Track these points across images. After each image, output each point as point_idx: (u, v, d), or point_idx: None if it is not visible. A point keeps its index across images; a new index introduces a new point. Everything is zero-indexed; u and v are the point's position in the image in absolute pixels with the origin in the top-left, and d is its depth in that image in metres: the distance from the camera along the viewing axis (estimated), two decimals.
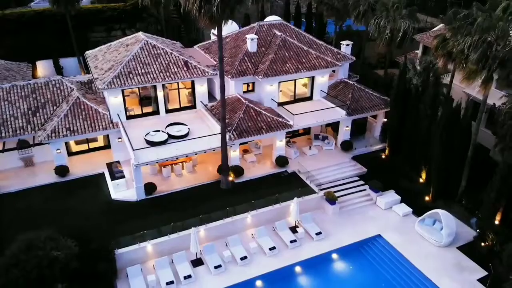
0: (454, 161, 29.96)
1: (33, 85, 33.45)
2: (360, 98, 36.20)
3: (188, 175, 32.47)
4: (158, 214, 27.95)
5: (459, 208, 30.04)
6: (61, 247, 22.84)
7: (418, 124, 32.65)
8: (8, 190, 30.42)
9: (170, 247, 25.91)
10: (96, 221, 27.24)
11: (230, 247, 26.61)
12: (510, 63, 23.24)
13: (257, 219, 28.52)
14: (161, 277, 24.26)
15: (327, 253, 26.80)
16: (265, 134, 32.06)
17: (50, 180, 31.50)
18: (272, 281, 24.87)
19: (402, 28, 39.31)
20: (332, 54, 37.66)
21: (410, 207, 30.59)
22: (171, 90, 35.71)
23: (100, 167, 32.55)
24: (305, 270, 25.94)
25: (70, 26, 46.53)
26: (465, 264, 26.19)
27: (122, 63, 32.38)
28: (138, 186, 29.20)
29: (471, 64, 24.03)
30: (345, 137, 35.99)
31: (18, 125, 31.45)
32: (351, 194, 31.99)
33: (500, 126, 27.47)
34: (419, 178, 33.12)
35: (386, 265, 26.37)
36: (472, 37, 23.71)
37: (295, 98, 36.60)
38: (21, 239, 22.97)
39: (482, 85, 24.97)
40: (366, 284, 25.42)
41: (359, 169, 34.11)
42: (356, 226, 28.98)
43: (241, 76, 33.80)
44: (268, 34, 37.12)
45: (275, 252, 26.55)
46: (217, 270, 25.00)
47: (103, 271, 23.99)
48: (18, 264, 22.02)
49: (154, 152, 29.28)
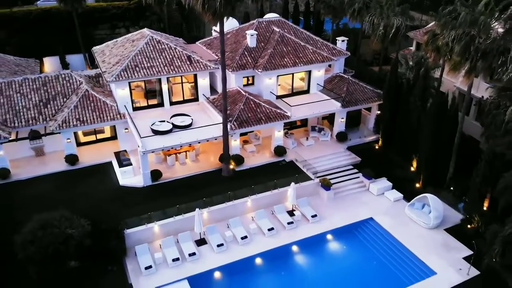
0: (442, 150, 31.78)
1: (44, 78, 35.23)
2: (354, 91, 38.03)
3: (191, 164, 34.24)
4: (164, 199, 29.66)
5: (447, 194, 31.84)
6: (75, 226, 24.60)
7: (409, 116, 34.47)
8: (20, 178, 32.16)
9: (175, 228, 27.70)
10: (105, 205, 28.93)
11: (232, 228, 28.41)
12: (491, 55, 25.07)
13: (256, 203, 30.30)
14: (167, 254, 26.05)
15: (322, 234, 28.61)
16: (264, 125, 33.85)
17: (60, 168, 33.24)
18: (270, 259, 26.71)
19: (395, 25, 41.07)
20: (328, 49, 39.49)
21: (401, 193, 32.38)
22: (174, 84, 37.44)
23: (108, 156, 34.32)
24: (301, 249, 27.77)
25: (77, 23, 48.31)
26: (452, 244, 27.98)
27: (129, 57, 34.17)
28: (145, 173, 30.98)
29: (455, 56, 25.87)
30: (340, 129, 37.80)
31: (30, 116, 33.21)
32: (345, 181, 33.78)
33: (485, 116, 29.33)
34: (410, 166, 34.94)
35: (378, 245, 28.17)
36: (456, 31, 25.54)
37: (293, 91, 38.40)
38: (37, 218, 24.75)
39: (465, 75, 26.81)
40: (358, 262, 27.22)
41: (353, 159, 35.91)
42: (350, 210, 30.79)
43: (241, 69, 35.61)
44: (267, 30, 38.95)
45: (273, 233, 28.35)
46: (219, 248, 26.80)
47: (113, 249, 25.77)
48: (34, 241, 23.68)
49: (159, 140, 31.08)
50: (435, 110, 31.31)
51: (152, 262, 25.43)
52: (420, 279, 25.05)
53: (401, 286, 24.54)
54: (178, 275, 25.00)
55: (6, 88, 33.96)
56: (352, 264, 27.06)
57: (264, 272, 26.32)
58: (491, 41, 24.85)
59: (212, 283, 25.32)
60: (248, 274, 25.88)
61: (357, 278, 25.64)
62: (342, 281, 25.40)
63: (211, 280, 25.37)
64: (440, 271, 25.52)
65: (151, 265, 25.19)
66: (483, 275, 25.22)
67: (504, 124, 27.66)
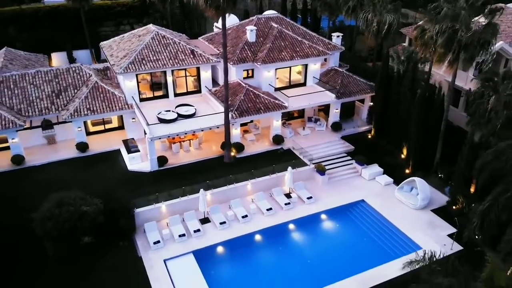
0: (430, 137, 34.00)
1: (55, 71, 37.39)
2: (348, 84, 40.23)
3: (195, 151, 36.42)
4: (170, 182, 31.78)
5: (434, 178, 34.05)
6: (88, 204, 26.77)
7: (399, 106, 36.65)
8: (34, 164, 34.31)
9: (181, 208, 29.88)
10: (115, 188, 31.06)
11: (233, 208, 30.61)
12: (472, 47, 27.28)
13: (256, 186, 32.48)
14: (174, 231, 28.24)
15: (316, 214, 30.84)
16: (263, 114, 36.05)
17: (71, 155, 35.42)
18: (269, 235, 28.92)
19: (388, 21, 43.22)
20: (324, 44, 41.69)
21: (391, 178, 34.56)
22: (178, 78, 39.56)
23: (116, 145, 36.52)
24: (297, 227, 30.01)
25: (84, 20, 50.45)
26: (437, 223, 30.18)
27: (136, 51, 36.34)
28: (152, 158, 33.16)
29: (439, 48, 28.07)
30: (335, 119, 40.01)
31: (43, 106, 35.37)
32: (339, 167, 35.96)
33: (470, 105, 31.54)
34: (400, 154, 37.12)
35: (368, 223, 30.38)
36: (440, 25, 27.74)
37: (290, 84, 40.59)
38: (53, 198, 26.90)
39: (449, 66, 29.02)
40: (350, 239, 29.44)
41: (347, 147, 38.11)
42: (343, 193, 32.99)
43: (241, 63, 37.79)
44: (266, 26, 41.14)
45: (271, 213, 30.55)
46: (222, 226, 28.99)
47: (124, 226, 27.91)
48: (52, 217, 25.82)
49: (165, 128, 33.27)
50: (422, 100, 33.54)
51: (160, 238, 27.62)
52: (406, 253, 27.14)
53: (389, 259, 26.66)
54: (184, 249, 27.22)
55: (20, 80, 36.10)
56: (344, 240, 29.30)
57: (263, 247, 28.57)
58: (472, 34, 27.06)
59: (215, 257, 27.51)
60: (248, 249, 28.11)
61: (349, 252, 27.85)
62: (335, 255, 27.58)
63: (214, 254, 27.58)
64: (425, 246, 27.49)
65: (159, 240, 27.39)
66: (465, 249, 27.42)
67: (487, 112, 29.92)
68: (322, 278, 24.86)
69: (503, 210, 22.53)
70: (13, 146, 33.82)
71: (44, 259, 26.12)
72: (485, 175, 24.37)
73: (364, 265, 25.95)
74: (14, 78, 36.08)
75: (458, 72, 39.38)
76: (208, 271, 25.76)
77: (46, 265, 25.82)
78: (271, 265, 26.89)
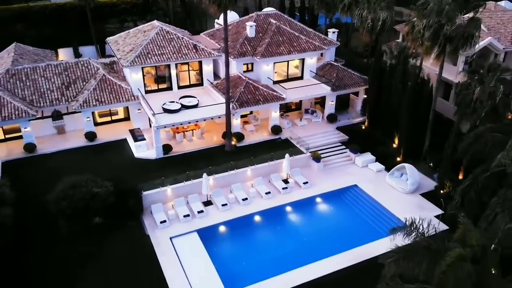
0: (419, 126, 36.06)
1: (65, 64, 39.39)
2: (343, 77, 42.29)
3: (198, 140, 38.42)
4: (174, 168, 33.72)
5: (424, 165, 36.12)
6: (100, 186, 28.79)
7: (391, 98, 38.68)
8: (45, 151, 36.28)
9: (185, 191, 31.89)
10: (123, 173, 32.93)
11: (234, 192, 32.64)
12: (457, 40, 29.34)
13: (255, 172, 34.49)
14: (179, 212, 30.27)
15: (312, 197, 32.93)
16: (262, 105, 38.08)
17: (80, 144, 37.38)
18: (267, 216, 31.01)
19: (381, 18, 45.23)
20: (320, 39, 43.75)
21: (383, 165, 36.60)
22: (181, 72, 41.51)
23: (122, 134, 38.53)
24: (294, 209, 32.11)
25: (90, 17, 52.45)
26: (425, 206, 32.22)
27: (142, 45, 38.35)
28: (157, 146, 35.16)
29: (426, 41, 30.14)
30: (330, 111, 42.05)
31: (54, 97, 37.36)
32: (334, 155, 38.00)
33: (457, 96, 33.60)
34: (392, 143, 39.15)
35: (360, 206, 32.44)
36: (426, 19, 29.81)
37: (288, 77, 42.61)
38: (67, 180, 28.91)
39: (435, 58, 31.10)
40: (343, 219, 31.55)
41: (342, 137, 40.14)
42: (337, 179, 35.04)
43: (241, 57, 39.83)
44: (265, 22, 43.18)
45: (270, 196, 32.58)
46: (223, 207, 31.02)
47: (132, 207, 29.90)
48: (66, 197, 27.86)
49: (170, 117, 35.29)
50: (412, 92, 35.58)
51: (166, 218, 29.65)
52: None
53: (378, 237, 28.61)
54: (189, 228, 29.27)
55: (32, 73, 38.10)
56: (337, 221, 31.43)
57: (262, 227, 30.65)
58: (456, 27, 29.12)
59: (218, 235, 29.57)
60: (248, 228, 30.18)
61: (341, 231, 29.92)
62: (329, 234, 29.61)
63: (217, 233, 29.64)
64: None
65: (165, 220, 29.41)
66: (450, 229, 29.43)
67: (473, 102, 31.98)
68: (316, 254, 26.90)
69: (482, 189, 24.54)
70: (26, 135, 35.79)
71: (57, 237, 28.04)
72: (468, 157, 26.37)
73: (356, 242, 27.97)
74: (25, 71, 38.08)
75: (448, 67, 41.62)
76: (211, 247, 27.77)
77: (59, 242, 27.74)
78: (270, 243, 28.96)
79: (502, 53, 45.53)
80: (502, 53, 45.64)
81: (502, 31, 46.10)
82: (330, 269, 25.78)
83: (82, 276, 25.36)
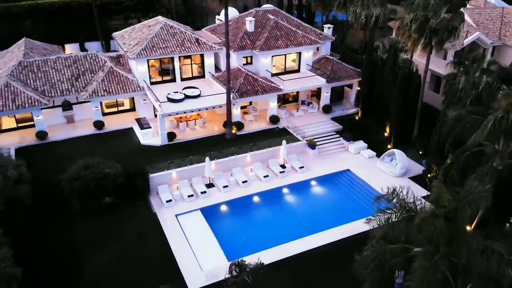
0: (408, 115, 38.35)
1: (74, 57, 41.63)
2: (338, 70, 44.61)
3: (200, 129, 40.66)
4: (179, 154, 36.01)
5: (413, 151, 38.41)
6: (110, 167, 31.06)
7: (382, 89, 40.94)
8: (56, 139, 38.48)
9: (189, 174, 34.14)
10: (131, 157, 35.16)
11: (234, 175, 34.87)
12: (441, 32, 31.66)
13: (254, 158, 36.73)
14: (184, 192, 32.54)
15: (307, 180, 35.28)
16: (261, 96, 40.36)
17: (89, 132, 39.60)
18: (265, 197, 33.35)
19: (374, 14, 47.47)
20: (316, 34, 46.06)
21: (374, 152, 38.86)
22: (184, 65, 43.70)
23: (129, 123, 40.74)
24: (290, 191, 34.47)
25: (96, 14, 54.68)
26: (413, 188, 33.99)
27: (147, 39, 40.60)
28: (163, 133, 37.41)
29: (414, 34, 32.46)
30: (325, 102, 44.34)
31: (64, 88, 39.58)
32: (328, 143, 40.27)
33: (444, 86, 35.92)
34: (384, 132, 41.46)
35: (352, 188, 34.73)
36: (414, 13, 32.14)
37: (286, 70, 44.88)
38: (80, 162, 31.14)
39: (422, 49, 33.44)
40: (336, 201, 33.86)
41: (336, 126, 42.43)
42: (331, 164, 37.33)
43: (241, 50, 42.11)
44: (263, 18, 45.45)
45: (268, 179, 34.85)
46: (225, 189, 33.29)
47: (140, 188, 32.13)
48: (79, 178, 30.13)
49: (174, 106, 37.54)
50: (402, 83, 37.85)
51: (171, 198, 31.89)
52: None
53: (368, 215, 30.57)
54: (193, 207, 31.57)
55: (43, 65, 40.33)
56: (330, 201, 33.79)
57: (260, 206, 32.97)
58: (440, 20, 31.45)
59: (219, 213, 31.85)
60: (248, 208, 32.50)
61: (334, 210, 32.26)
62: (322, 212, 31.92)
63: (218, 211, 31.91)
64: None
65: (171, 199, 31.66)
66: None
67: (458, 91, 34.30)
68: (310, 229, 29.16)
69: (462, 167, 26.85)
70: (38, 122, 38.00)
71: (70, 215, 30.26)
72: (451, 139, 28.65)
73: (346, 219, 30.20)
74: (37, 63, 40.31)
75: (439, 61, 43.91)
76: (214, 224, 30.03)
77: (72, 219, 29.97)
78: (267, 220, 31.27)
79: (490, 47, 47.97)
80: (490, 47, 48.09)
81: (490, 26, 48.48)
82: (322, 242, 28.08)
83: (95, 249, 27.53)
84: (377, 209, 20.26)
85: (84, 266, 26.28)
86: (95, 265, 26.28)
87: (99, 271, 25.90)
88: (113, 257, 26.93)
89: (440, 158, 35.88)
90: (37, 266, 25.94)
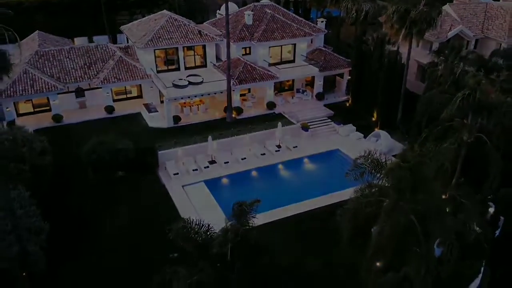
0: (393, 100, 42.01)
1: (86, 47, 45.21)
2: (330, 60, 48.26)
3: (202, 114, 44.23)
4: (183, 135, 39.58)
5: (397, 133, 42.02)
6: (123, 143, 34.58)
7: (370, 78, 44.55)
8: (71, 122, 41.98)
9: (193, 152, 37.72)
10: (140, 138, 38.63)
11: (234, 154, 38.43)
12: (420, 22, 35.35)
13: (252, 139, 40.28)
14: (189, 167, 36.11)
15: (300, 158, 38.98)
16: (258, 83, 43.95)
17: (101, 116, 43.10)
18: (262, 172, 36.98)
19: (364, 9, 51.16)
20: (310, 27, 49.70)
21: (362, 134, 42.48)
22: (187, 56, 47.18)
23: (137, 109, 44.27)
24: (285, 166, 38.13)
25: (104, 9, 58.24)
26: None
27: (154, 31, 44.19)
28: (168, 116, 40.96)
29: (395, 24, 36.14)
30: (318, 90, 47.96)
31: (78, 75, 43.11)
32: (320, 126, 43.88)
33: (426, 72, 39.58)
34: (371, 117, 45.06)
35: (340, 164, 38.16)
36: (396, 6, 35.86)
37: (282, 60, 48.47)
38: (95, 138, 34.66)
39: (403, 39, 37.12)
40: (325, 176, 37.52)
41: (328, 112, 46.02)
42: (322, 144, 40.96)
43: (240, 41, 45.72)
44: (261, 12, 49.07)
45: (264, 157, 38.49)
46: (225, 164, 36.89)
47: (149, 163, 35.69)
48: (95, 151, 33.66)
49: (179, 91, 41.13)
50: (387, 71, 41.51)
51: (178, 171, 35.44)
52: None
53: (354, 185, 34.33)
54: (197, 179, 35.25)
55: (58, 54, 43.86)
56: (321, 176, 37.41)
57: (258, 179, 36.54)
58: (419, 12, 35.15)
59: (221, 185, 35.49)
60: (247, 180, 36.08)
61: (323, 182, 35.86)
62: (313, 183, 35.60)
63: (220, 183, 35.54)
64: None
65: (177, 172, 35.23)
66: None
67: (438, 77, 38.02)
68: (302, 196, 32.73)
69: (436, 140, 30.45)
70: (54, 106, 41.54)
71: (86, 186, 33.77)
72: (425, 117, 32.26)
73: (334, 189, 33.69)
74: (52, 52, 43.85)
75: (424, 52, 47.53)
76: (216, 193, 33.57)
77: (89, 189, 33.47)
78: (264, 190, 34.69)
79: (472, 40, 51.72)
80: (473, 40, 51.84)
81: (474, 21, 52.26)
82: (312, 207, 31.67)
83: (112, 213, 30.99)
84: (353, 164, 23.50)
85: (102, 226, 29.77)
86: (111, 225, 29.78)
87: (114, 229, 29.40)
88: (128, 219, 30.37)
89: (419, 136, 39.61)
90: (59, 223, 29.30)
